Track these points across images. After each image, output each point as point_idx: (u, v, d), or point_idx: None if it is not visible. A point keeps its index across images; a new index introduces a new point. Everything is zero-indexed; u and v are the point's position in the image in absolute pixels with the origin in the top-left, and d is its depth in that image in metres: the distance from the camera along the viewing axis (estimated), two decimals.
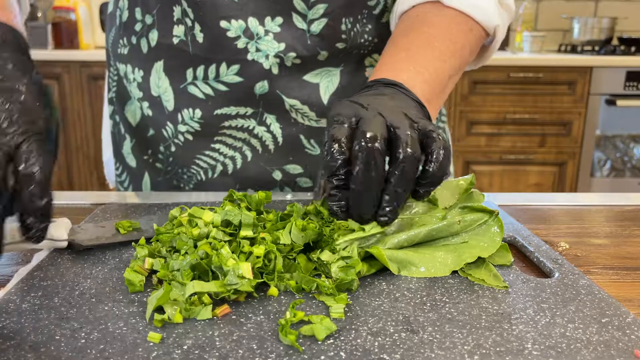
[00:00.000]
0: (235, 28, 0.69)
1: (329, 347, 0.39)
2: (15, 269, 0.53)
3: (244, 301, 0.45)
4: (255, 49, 0.70)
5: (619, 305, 0.45)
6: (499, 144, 2.72)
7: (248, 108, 0.74)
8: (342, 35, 0.72)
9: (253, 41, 0.70)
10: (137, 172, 0.85)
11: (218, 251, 0.46)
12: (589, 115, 2.68)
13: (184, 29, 0.72)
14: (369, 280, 0.50)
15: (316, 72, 0.74)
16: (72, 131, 2.79)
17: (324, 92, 0.74)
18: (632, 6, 3.15)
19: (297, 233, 0.50)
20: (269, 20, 0.69)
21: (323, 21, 0.70)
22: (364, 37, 0.74)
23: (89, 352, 0.38)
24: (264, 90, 0.73)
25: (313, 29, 0.71)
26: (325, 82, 0.74)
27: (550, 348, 0.39)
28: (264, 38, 0.70)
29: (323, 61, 0.73)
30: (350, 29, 0.72)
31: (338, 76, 0.75)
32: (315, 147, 0.77)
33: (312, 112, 0.75)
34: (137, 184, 0.85)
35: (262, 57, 0.70)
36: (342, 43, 0.73)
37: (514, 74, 2.61)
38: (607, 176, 2.79)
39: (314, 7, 0.70)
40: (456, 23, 0.68)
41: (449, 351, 0.39)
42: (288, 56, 0.71)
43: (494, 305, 0.45)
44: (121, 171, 0.88)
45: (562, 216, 0.73)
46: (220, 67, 0.72)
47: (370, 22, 0.75)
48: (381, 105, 0.52)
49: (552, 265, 0.53)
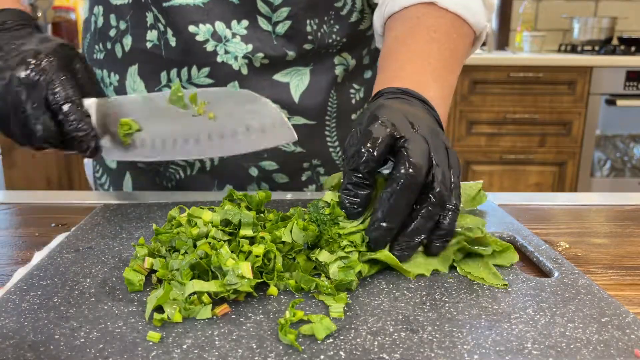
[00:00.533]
0: (203, 32, 0.71)
1: (329, 347, 0.39)
2: (14, 268, 0.53)
3: (243, 300, 0.45)
4: (224, 51, 0.72)
5: (619, 305, 0.45)
6: (499, 143, 2.72)
7: None
8: (308, 36, 0.74)
9: (221, 44, 0.72)
10: (117, 173, 0.86)
11: (217, 251, 0.46)
12: (589, 115, 2.68)
13: (157, 33, 0.74)
14: (368, 279, 0.50)
15: (285, 71, 0.75)
16: None
17: (295, 91, 0.76)
18: (632, 6, 3.15)
19: (299, 232, 0.50)
20: (235, 24, 0.71)
21: (287, 23, 0.72)
22: (332, 37, 0.76)
23: (88, 352, 0.38)
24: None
25: (278, 31, 0.72)
26: (296, 81, 0.76)
27: (550, 347, 0.39)
28: (231, 40, 0.71)
29: (291, 61, 0.75)
30: (316, 30, 0.74)
31: (308, 75, 0.76)
32: (289, 144, 0.78)
33: (284, 110, 0.76)
34: (118, 184, 0.86)
35: (231, 59, 0.72)
36: (309, 44, 0.74)
37: (514, 73, 2.61)
38: (607, 176, 2.79)
39: (277, 10, 0.71)
40: (455, 28, 0.68)
41: (448, 350, 0.39)
42: (256, 57, 0.72)
43: (494, 304, 0.45)
44: (101, 174, 0.88)
45: (562, 216, 0.73)
46: (192, 69, 0.74)
47: (338, 23, 0.76)
48: (423, 127, 0.51)
49: (552, 264, 0.53)
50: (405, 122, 0.51)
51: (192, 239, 0.50)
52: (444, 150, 0.51)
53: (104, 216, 0.66)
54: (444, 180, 0.49)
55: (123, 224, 0.63)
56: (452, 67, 0.67)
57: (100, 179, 0.88)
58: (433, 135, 0.51)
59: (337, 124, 0.81)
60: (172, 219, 0.55)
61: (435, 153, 0.50)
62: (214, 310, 0.43)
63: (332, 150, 0.82)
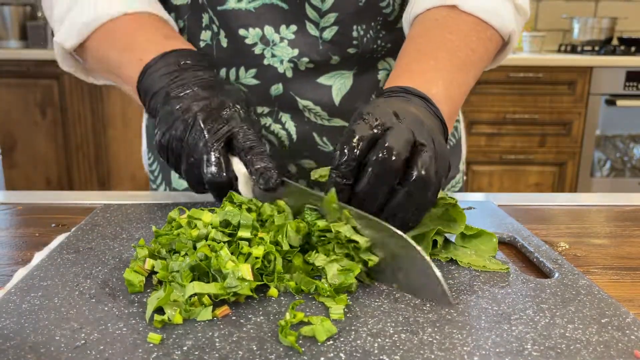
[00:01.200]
0: (252, 35, 0.73)
1: (329, 348, 0.39)
2: (14, 269, 0.53)
3: (243, 302, 0.45)
4: (271, 55, 0.74)
5: (619, 306, 0.45)
6: (499, 144, 2.72)
7: (265, 107, 0.78)
8: (354, 41, 0.75)
9: (269, 47, 0.74)
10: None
11: (217, 253, 0.46)
12: (588, 115, 2.68)
13: (210, 34, 0.76)
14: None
15: (329, 75, 0.76)
16: (72, 131, 2.79)
17: (336, 94, 0.77)
18: (632, 6, 3.15)
19: (294, 236, 0.50)
20: (283, 28, 0.73)
21: (334, 29, 0.73)
22: (377, 42, 0.77)
23: (88, 353, 0.38)
24: (279, 92, 0.76)
25: (325, 36, 0.74)
26: (338, 84, 0.77)
27: (550, 349, 0.39)
28: (279, 44, 0.73)
29: (335, 65, 0.76)
30: (362, 35, 0.75)
31: (351, 79, 0.77)
32: (327, 145, 0.80)
33: (324, 112, 0.78)
34: (167, 174, 0.88)
35: (277, 62, 0.74)
36: (353, 48, 0.75)
37: (513, 74, 2.61)
38: (607, 176, 2.79)
39: (325, 15, 0.72)
40: (476, 31, 0.69)
41: (448, 352, 0.39)
42: (301, 61, 0.74)
43: (494, 305, 0.45)
44: (152, 161, 0.91)
45: (562, 216, 0.73)
46: (240, 70, 0.76)
47: (384, 29, 0.77)
48: (413, 120, 0.52)
49: (552, 265, 0.53)
50: (389, 115, 0.51)
51: (192, 240, 0.50)
52: (431, 140, 0.51)
53: (104, 217, 0.66)
54: (429, 166, 0.49)
55: (123, 224, 0.63)
56: (466, 68, 0.66)
57: (152, 166, 0.91)
58: (418, 124, 0.51)
59: None
60: (172, 220, 0.55)
61: (422, 140, 0.50)
62: (214, 311, 0.43)
63: None
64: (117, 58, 0.68)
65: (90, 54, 0.72)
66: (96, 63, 0.73)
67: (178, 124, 0.59)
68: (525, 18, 0.76)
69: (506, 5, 0.71)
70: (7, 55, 2.71)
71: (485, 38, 0.69)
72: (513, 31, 0.72)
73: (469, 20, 0.68)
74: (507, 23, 0.70)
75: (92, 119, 2.78)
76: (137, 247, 0.51)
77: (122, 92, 2.86)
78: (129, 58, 0.67)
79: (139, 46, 0.67)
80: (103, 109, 2.77)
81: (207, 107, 0.59)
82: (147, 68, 0.64)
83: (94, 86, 2.74)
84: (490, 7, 0.69)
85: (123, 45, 0.68)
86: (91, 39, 0.70)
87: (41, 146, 2.82)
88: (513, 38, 0.73)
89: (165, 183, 0.88)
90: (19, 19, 2.89)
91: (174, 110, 0.60)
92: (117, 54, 0.69)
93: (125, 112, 2.77)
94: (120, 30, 0.69)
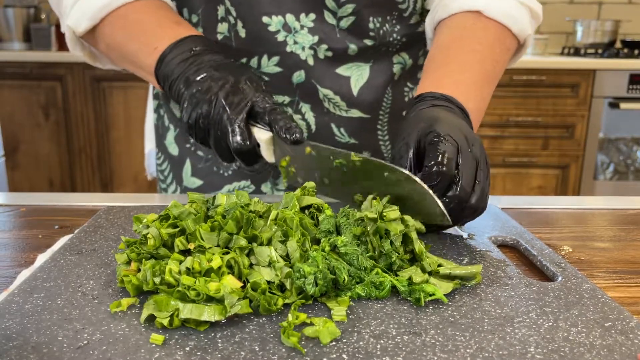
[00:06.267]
0: (275, 23, 0.76)
1: (332, 350, 0.39)
2: (18, 270, 0.54)
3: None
4: (293, 42, 0.77)
5: (622, 310, 0.45)
6: (502, 146, 2.71)
7: (286, 97, 0.80)
8: (370, 32, 0.78)
9: (291, 34, 0.76)
10: (178, 160, 0.89)
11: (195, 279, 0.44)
12: (592, 118, 2.68)
13: (227, 26, 0.78)
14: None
15: (347, 66, 0.79)
16: (75, 133, 2.80)
17: (354, 85, 0.80)
18: (635, 9, 3.14)
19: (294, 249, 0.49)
20: (303, 16, 0.76)
21: (351, 19, 0.76)
22: (392, 36, 0.80)
23: (91, 353, 0.38)
24: (301, 79, 0.78)
25: (342, 25, 0.77)
26: (356, 75, 0.80)
27: (553, 352, 0.39)
28: (300, 32, 0.76)
29: (353, 56, 0.79)
30: (378, 27, 0.78)
31: (367, 71, 0.80)
32: (344, 135, 0.82)
33: (343, 102, 0.80)
34: (178, 171, 0.89)
35: (299, 49, 0.77)
36: (370, 40, 0.78)
37: (517, 76, 2.61)
38: (610, 179, 2.78)
39: (343, 6, 0.76)
40: (499, 41, 0.74)
41: (451, 354, 0.38)
42: (320, 48, 0.77)
43: (497, 308, 0.45)
44: (162, 160, 0.92)
45: (565, 219, 0.73)
46: (262, 59, 0.78)
47: (399, 23, 0.80)
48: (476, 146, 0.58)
49: (555, 268, 0.53)
50: (460, 140, 0.57)
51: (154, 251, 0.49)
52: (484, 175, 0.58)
53: (107, 218, 0.66)
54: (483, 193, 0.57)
55: (126, 226, 0.64)
56: (491, 80, 0.72)
57: (162, 166, 0.92)
58: (482, 154, 0.58)
59: (389, 120, 0.85)
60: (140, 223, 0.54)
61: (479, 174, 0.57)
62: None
63: (382, 143, 0.86)
64: (132, 46, 0.72)
65: (103, 40, 0.75)
66: (109, 49, 0.76)
67: (202, 103, 0.64)
68: (538, 22, 0.80)
69: (522, 11, 0.76)
70: (11, 57, 2.72)
71: (505, 49, 0.75)
72: (529, 36, 0.76)
73: (492, 29, 0.73)
74: (524, 28, 0.75)
75: (95, 120, 2.79)
76: (117, 254, 0.51)
77: (125, 94, 2.87)
78: (144, 46, 0.71)
79: (153, 33, 0.71)
80: (106, 111, 2.78)
81: (225, 85, 0.64)
82: (164, 57, 0.69)
83: (97, 88, 2.75)
84: (511, 13, 0.74)
85: (137, 32, 0.72)
86: (103, 23, 0.73)
87: (44, 148, 2.83)
88: (528, 42, 0.78)
89: (176, 182, 0.89)
90: (23, 20, 2.90)
91: (197, 93, 0.65)
92: (131, 41, 0.72)
93: (128, 114, 2.78)
94: (132, 16, 0.72)
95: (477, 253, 0.57)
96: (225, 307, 0.42)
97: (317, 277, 0.45)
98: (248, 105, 0.64)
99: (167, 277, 0.44)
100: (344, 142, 0.82)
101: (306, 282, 0.45)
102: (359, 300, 0.46)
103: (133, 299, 0.45)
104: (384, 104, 0.83)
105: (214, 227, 0.50)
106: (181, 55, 0.68)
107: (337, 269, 0.46)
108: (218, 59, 0.68)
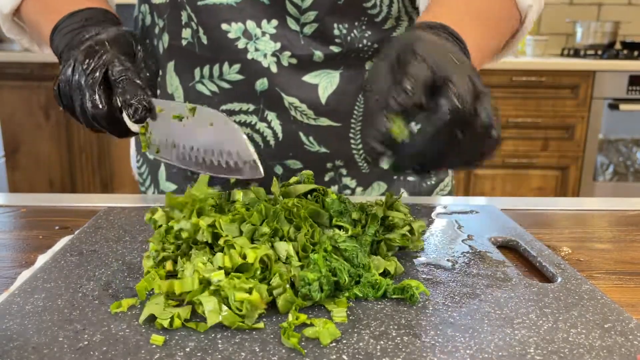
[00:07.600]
0: (235, 30, 0.74)
1: (332, 351, 0.39)
2: (18, 271, 0.54)
3: None
4: (254, 49, 0.74)
5: (622, 311, 0.45)
6: (501, 147, 2.71)
7: (250, 104, 0.78)
8: (336, 39, 0.75)
9: (252, 41, 0.74)
10: (154, 164, 0.89)
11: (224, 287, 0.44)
12: (591, 119, 2.68)
13: (190, 31, 0.76)
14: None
15: (315, 73, 0.76)
16: (75, 133, 2.80)
17: (323, 92, 0.77)
18: (635, 10, 3.15)
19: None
20: (265, 23, 0.73)
21: (314, 25, 0.74)
22: (362, 42, 0.76)
23: (91, 354, 0.38)
24: (264, 87, 0.76)
25: (305, 31, 0.74)
26: (325, 83, 0.77)
27: (552, 353, 0.39)
28: (261, 38, 0.74)
29: (320, 63, 0.76)
30: (345, 34, 0.75)
31: (337, 78, 0.77)
32: (313, 144, 0.79)
33: (310, 111, 0.77)
34: (155, 175, 0.89)
35: (260, 56, 0.74)
36: (336, 46, 0.75)
37: (516, 77, 2.61)
38: (609, 180, 2.79)
39: (305, 13, 0.73)
40: (507, 9, 0.70)
41: (451, 355, 0.39)
42: (284, 55, 0.74)
43: (497, 309, 0.45)
44: (141, 163, 0.92)
45: (565, 221, 0.73)
46: (224, 66, 0.76)
47: (370, 29, 0.77)
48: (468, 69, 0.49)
49: (555, 270, 0.53)
50: (451, 62, 0.48)
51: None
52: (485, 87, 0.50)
53: (107, 219, 0.66)
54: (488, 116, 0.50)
55: (126, 227, 0.64)
56: (491, 34, 0.67)
57: (141, 169, 0.92)
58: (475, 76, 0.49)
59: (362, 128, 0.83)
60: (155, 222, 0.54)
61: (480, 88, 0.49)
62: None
63: (355, 152, 0.83)
64: (43, 24, 0.70)
65: (27, 19, 0.75)
66: (31, 30, 0.76)
67: (65, 69, 0.61)
68: (540, 7, 0.75)
69: None
70: (12, 57, 2.72)
71: (506, 17, 0.71)
72: (530, 7, 0.72)
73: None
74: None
75: None
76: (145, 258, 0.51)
77: None
78: (48, 20, 0.69)
79: (59, 8, 0.69)
80: None
81: (87, 48, 0.60)
82: (55, 29, 0.67)
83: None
84: None
85: (49, 9, 0.70)
86: (24, 3, 0.73)
87: (44, 148, 2.83)
88: (528, 18, 0.73)
89: (154, 185, 0.89)
90: None
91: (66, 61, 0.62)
92: (42, 18, 0.71)
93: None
94: None
95: (476, 254, 0.57)
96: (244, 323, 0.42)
97: (321, 282, 0.45)
98: (103, 69, 0.59)
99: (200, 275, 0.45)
100: (314, 151, 0.80)
101: (311, 290, 0.45)
102: (359, 301, 0.47)
103: (133, 300, 0.45)
104: (356, 112, 0.79)
105: (234, 220, 0.50)
106: (70, 27, 0.66)
107: (338, 270, 0.47)
108: (106, 29, 0.65)
